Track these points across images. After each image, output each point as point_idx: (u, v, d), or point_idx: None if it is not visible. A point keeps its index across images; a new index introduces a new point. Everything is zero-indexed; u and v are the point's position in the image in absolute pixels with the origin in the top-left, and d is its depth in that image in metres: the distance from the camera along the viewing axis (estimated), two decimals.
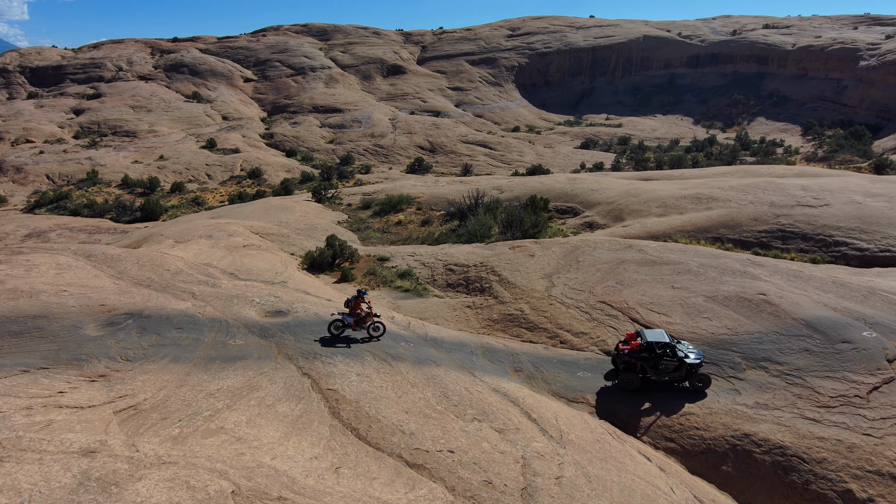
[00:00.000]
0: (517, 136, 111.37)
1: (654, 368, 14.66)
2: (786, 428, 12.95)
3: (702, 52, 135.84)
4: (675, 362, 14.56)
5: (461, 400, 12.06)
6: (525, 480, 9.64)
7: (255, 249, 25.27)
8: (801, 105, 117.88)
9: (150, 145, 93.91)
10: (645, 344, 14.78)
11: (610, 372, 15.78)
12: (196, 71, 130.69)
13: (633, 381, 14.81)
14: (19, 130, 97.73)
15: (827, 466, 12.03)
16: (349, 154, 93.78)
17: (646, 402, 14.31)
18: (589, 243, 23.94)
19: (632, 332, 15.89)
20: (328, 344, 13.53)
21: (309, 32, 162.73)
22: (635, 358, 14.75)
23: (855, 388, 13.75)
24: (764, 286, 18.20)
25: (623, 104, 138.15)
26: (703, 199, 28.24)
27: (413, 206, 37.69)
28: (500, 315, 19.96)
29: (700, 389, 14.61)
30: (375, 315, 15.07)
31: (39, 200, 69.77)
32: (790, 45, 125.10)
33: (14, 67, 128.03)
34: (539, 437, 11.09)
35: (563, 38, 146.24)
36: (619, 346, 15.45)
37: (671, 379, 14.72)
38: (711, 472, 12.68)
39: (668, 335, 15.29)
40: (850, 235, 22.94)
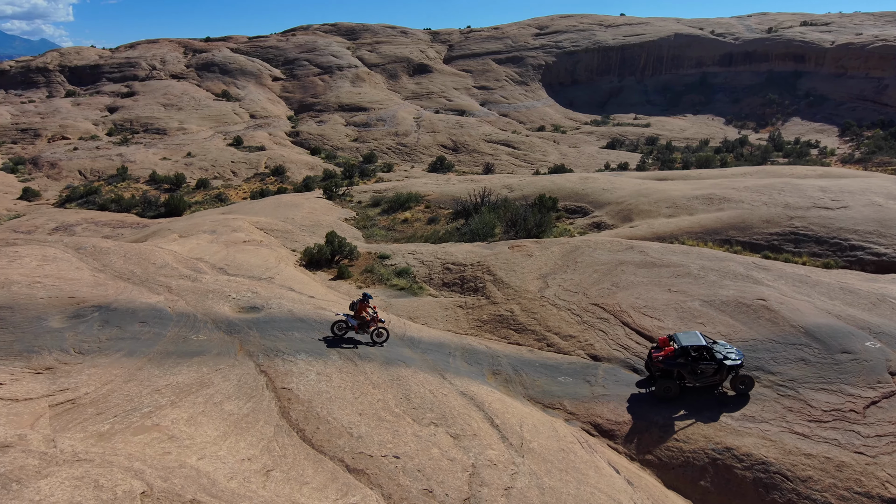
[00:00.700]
0: (542, 136, 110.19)
1: (692, 374, 13.65)
2: (771, 443, 12.13)
3: (735, 50, 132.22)
4: (713, 365, 13.54)
5: (422, 403, 11.61)
6: (470, 490, 9.14)
7: (254, 245, 25.24)
8: (839, 105, 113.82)
9: (178, 142, 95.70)
10: (679, 349, 13.74)
11: (644, 380, 14.80)
12: (226, 70, 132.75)
13: (672, 389, 13.81)
14: (56, 127, 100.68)
15: (812, 486, 11.21)
16: (372, 152, 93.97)
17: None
18: (590, 244, 23.21)
19: (664, 336, 14.83)
20: (296, 341, 13.23)
21: (338, 32, 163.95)
22: (671, 365, 13.72)
23: (851, 402, 12.83)
24: (765, 291, 17.26)
25: (652, 104, 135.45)
26: (714, 199, 27.15)
27: (422, 205, 37.33)
28: (489, 316, 19.43)
29: (743, 392, 13.58)
30: (380, 321, 14.77)
31: (70, 195, 71.62)
32: (829, 42, 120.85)
33: (54, 67, 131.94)
34: (496, 445, 10.56)
35: (592, 37, 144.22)
36: (652, 353, 14.47)
37: (710, 384, 13.74)
38: (688, 487, 11.96)
39: (703, 336, 14.25)
40: (868, 239, 21.67)
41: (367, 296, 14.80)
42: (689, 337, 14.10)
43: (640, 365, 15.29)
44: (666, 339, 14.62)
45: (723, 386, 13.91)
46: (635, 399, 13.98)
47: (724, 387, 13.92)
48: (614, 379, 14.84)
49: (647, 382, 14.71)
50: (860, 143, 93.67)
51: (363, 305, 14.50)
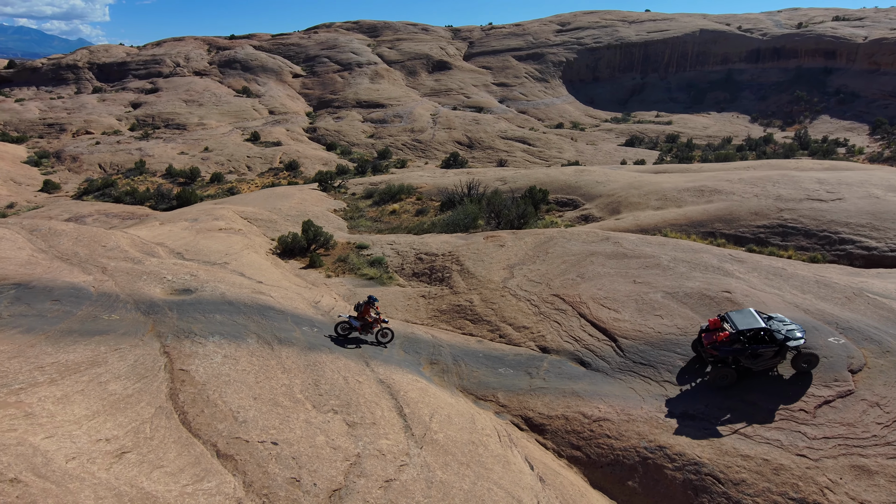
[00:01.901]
0: (559, 133, 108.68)
1: (750, 358, 12.46)
2: (708, 442, 11.19)
3: (763, 46, 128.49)
4: (774, 348, 12.35)
5: (331, 390, 11.00)
6: (345, 481, 8.50)
7: (227, 232, 24.96)
8: (870, 102, 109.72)
9: (197, 137, 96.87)
10: (734, 333, 12.53)
11: (691, 361, 13.53)
12: (248, 67, 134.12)
13: (728, 376, 12.55)
14: (81, 122, 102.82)
15: (744, 490, 10.25)
16: (387, 148, 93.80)
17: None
18: (565, 235, 22.31)
19: (714, 318, 13.49)
20: (215, 324, 12.74)
21: (360, 29, 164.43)
22: (727, 352, 12.50)
23: (802, 402, 11.79)
24: (733, 283, 16.19)
25: (675, 101, 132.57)
26: (705, 191, 25.89)
27: (413, 196, 36.75)
28: (449, 306, 18.73)
29: (805, 371, 12.45)
30: (383, 321, 14.70)
31: (88, 188, 72.93)
32: (861, 37, 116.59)
33: (83, 64, 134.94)
34: (394, 435, 9.89)
35: (615, 33, 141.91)
36: (702, 336, 13.20)
37: (770, 367, 12.60)
38: (615, 488, 11.11)
39: (759, 314, 13.00)
40: (859, 232, 20.29)
41: (372, 298, 14.61)
42: (745, 318, 12.79)
43: (589, 357, 14.42)
44: (717, 320, 13.31)
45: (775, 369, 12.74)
46: (574, 392, 13.13)
47: (773, 370, 12.72)
48: (557, 372, 14.01)
49: (693, 368, 13.27)
50: (891, 141, 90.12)
51: (367, 308, 14.41)
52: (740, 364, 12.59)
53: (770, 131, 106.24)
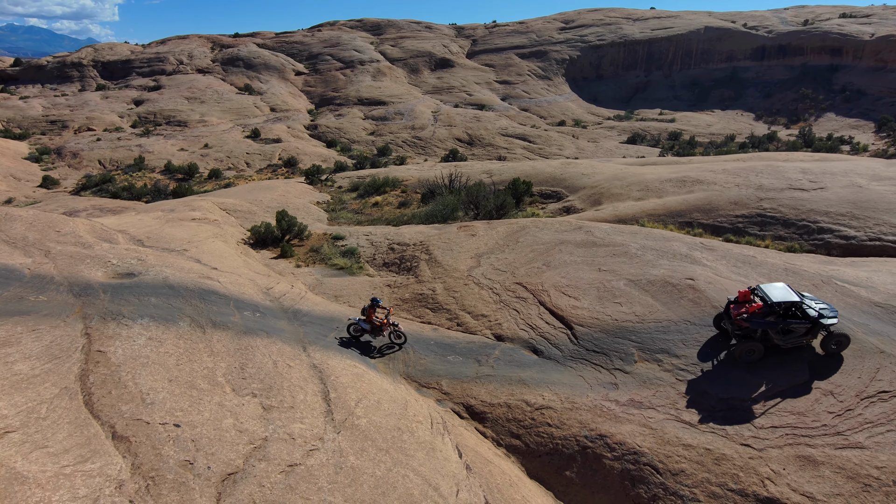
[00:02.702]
0: (560, 130, 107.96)
1: (781, 333, 11.92)
2: (651, 431, 10.65)
3: (768, 43, 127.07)
4: (806, 324, 11.82)
5: (256, 373, 10.56)
6: (243, 465, 8.05)
7: (199, 222, 24.62)
8: (876, 100, 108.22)
9: (197, 134, 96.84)
10: (768, 305, 11.96)
11: (711, 339, 12.95)
12: (250, 64, 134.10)
13: (755, 351, 12.01)
14: (83, 119, 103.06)
15: (682, 480, 9.72)
16: (387, 145, 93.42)
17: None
18: (538, 224, 21.79)
19: (744, 289, 12.93)
20: (148, 306, 12.32)
21: (363, 27, 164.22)
22: (759, 325, 11.88)
23: (756, 390, 11.21)
24: (698, 271, 15.61)
25: (679, 99, 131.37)
26: (687, 182, 25.25)
27: (398, 189, 36.32)
28: (411, 294, 18.26)
29: (835, 353, 11.92)
30: (392, 324, 14.23)
31: (86, 183, 72.96)
32: (868, 34, 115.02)
33: (88, 62, 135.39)
34: (311, 419, 9.43)
35: (618, 31, 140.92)
36: (731, 308, 12.59)
37: (797, 344, 12.07)
38: (552, 478, 10.60)
39: (793, 289, 12.43)
40: (839, 222, 19.60)
41: (376, 300, 14.13)
42: (779, 291, 12.25)
43: (542, 345, 13.90)
44: (747, 292, 12.76)
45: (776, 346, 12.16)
46: (521, 380, 12.63)
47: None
48: (508, 359, 13.51)
49: (713, 345, 12.70)
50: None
51: (371, 311, 14.02)
52: (768, 340, 12.05)
53: (774, 129, 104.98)
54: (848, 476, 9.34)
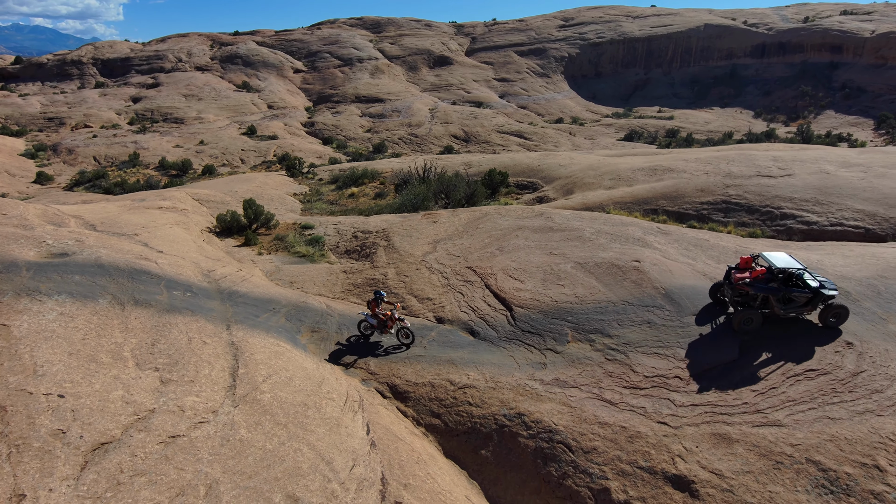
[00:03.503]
0: (557, 128, 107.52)
1: (782, 302, 11.66)
2: (570, 409, 10.35)
3: (768, 40, 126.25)
4: (807, 294, 11.62)
5: (167, 349, 10.33)
6: (120, 435, 7.82)
7: (164, 211, 24.46)
8: (876, 97, 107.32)
9: (193, 131, 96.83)
10: (771, 270, 11.73)
11: (705, 309, 12.66)
12: (249, 62, 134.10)
13: (754, 319, 11.71)
14: (80, 116, 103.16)
15: (593, 458, 9.42)
16: (383, 142, 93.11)
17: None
18: (500, 211, 21.52)
19: (746, 256, 12.73)
20: (70, 284, 12.10)
21: (363, 25, 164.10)
22: (761, 289, 11.61)
23: (679, 368, 10.91)
24: (646, 253, 15.29)
25: (679, 96, 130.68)
26: (658, 170, 24.88)
27: (377, 181, 36.07)
28: (364, 279, 18.02)
29: (834, 326, 11.72)
30: (400, 319, 13.31)
31: (79, 179, 72.98)
32: (869, 31, 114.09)
33: (88, 60, 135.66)
34: (208, 393, 9.19)
35: (618, 28, 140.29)
36: (732, 273, 12.31)
37: (797, 314, 11.84)
38: (468, 457, 10.31)
39: (796, 259, 12.23)
40: (802, 207, 19.22)
41: (379, 294, 13.40)
42: (781, 259, 12.09)
43: (480, 327, 13.61)
44: (749, 258, 12.52)
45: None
46: (450, 360, 12.35)
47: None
48: (443, 341, 13.24)
49: (708, 314, 12.52)
50: (895, 135, 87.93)
51: (374, 304, 13.34)
52: (768, 308, 11.80)
53: (773, 126, 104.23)
54: (761, 454, 9.01)
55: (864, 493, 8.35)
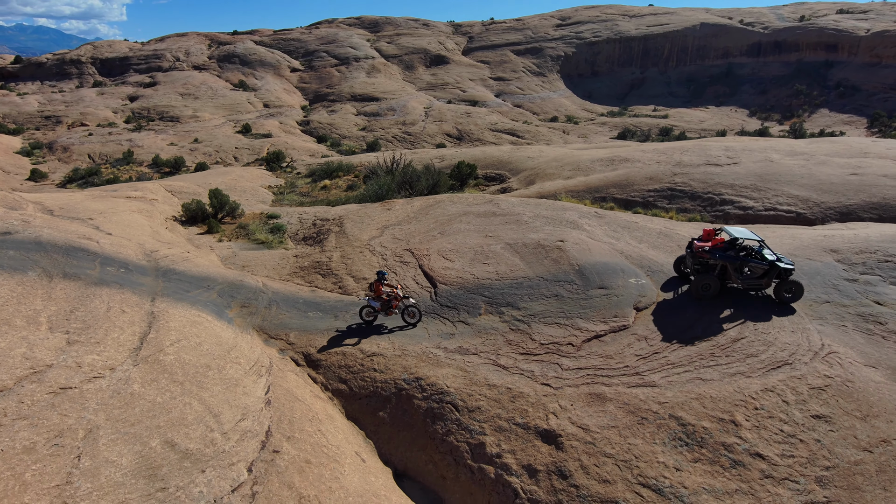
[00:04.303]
0: (551, 126, 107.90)
1: (738, 272, 12.25)
2: (464, 374, 10.87)
3: (764, 39, 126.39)
4: (764, 266, 12.17)
5: (83, 316, 10.89)
6: (12, 385, 8.37)
7: (130, 199, 25.08)
8: (870, 95, 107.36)
9: (188, 129, 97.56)
10: (730, 240, 12.38)
11: (670, 281, 13.32)
12: (246, 61, 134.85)
13: (711, 287, 12.27)
14: (77, 115, 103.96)
15: (476, 416, 9.93)
16: (376, 140, 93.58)
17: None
18: (453, 199, 22.03)
19: (709, 228, 13.36)
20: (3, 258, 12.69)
21: (361, 25, 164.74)
22: (719, 257, 12.23)
23: (574, 336, 11.41)
24: (573, 234, 15.79)
25: (675, 95, 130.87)
26: (615, 161, 25.34)
27: (351, 174, 36.64)
28: (310, 263, 18.56)
29: (788, 301, 12.23)
30: (405, 298, 13.33)
31: (72, 176, 73.68)
32: (864, 30, 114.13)
33: (87, 59, 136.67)
34: (111, 353, 9.75)
35: (614, 27, 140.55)
36: (695, 244, 12.93)
37: (754, 286, 12.36)
38: (367, 419, 10.84)
39: (756, 235, 12.82)
40: (742, 194, 19.65)
41: (382, 274, 13.37)
42: (741, 231, 12.75)
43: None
44: (711, 230, 13.14)
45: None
46: (365, 330, 12.90)
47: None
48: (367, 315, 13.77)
49: (674, 284, 13.26)
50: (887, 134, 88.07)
51: (378, 285, 13.24)
52: (726, 278, 12.38)
53: (768, 125, 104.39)
54: (629, 411, 9.49)
55: (716, 444, 8.83)
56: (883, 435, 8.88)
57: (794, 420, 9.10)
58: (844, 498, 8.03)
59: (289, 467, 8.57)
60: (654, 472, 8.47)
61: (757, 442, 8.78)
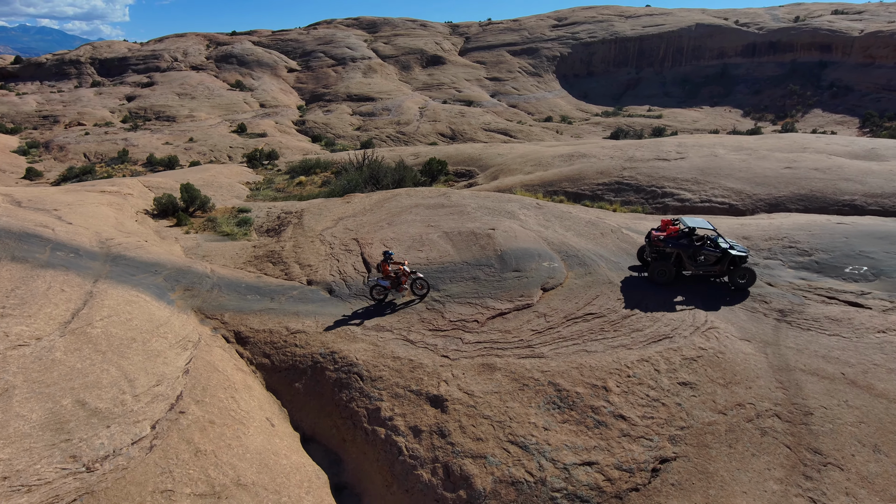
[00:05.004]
0: (545, 126, 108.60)
1: (691, 259, 13.08)
2: (375, 348, 11.68)
3: (759, 40, 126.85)
4: (717, 253, 12.94)
5: (24, 294, 11.73)
6: None
7: (102, 193, 25.98)
8: (863, 95, 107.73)
9: (184, 129, 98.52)
10: (685, 229, 13.20)
11: (634, 268, 14.16)
12: (243, 61, 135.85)
13: (667, 273, 13.13)
14: (74, 114, 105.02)
15: (377, 385, 10.73)
16: (371, 140, 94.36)
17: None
18: (410, 192, 22.85)
19: (668, 218, 14.34)
20: None
21: (359, 25, 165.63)
22: (673, 245, 13.09)
23: (480, 314, 12.21)
24: (506, 223, 16.58)
25: (670, 95, 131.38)
26: (574, 157, 26.11)
27: (329, 171, 37.47)
28: (264, 252, 19.39)
29: (742, 287, 12.99)
30: (411, 272, 13.68)
31: (67, 175, 74.63)
32: (858, 30, 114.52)
33: (86, 59, 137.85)
34: (39, 325, 10.59)
35: (610, 28, 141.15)
36: (653, 234, 13.75)
37: (708, 273, 13.17)
38: (285, 389, 11.65)
39: (712, 225, 13.64)
40: (682, 187, 20.39)
41: (388, 253, 13.80)
42: (696, 221, 13.57)
43: (338, 286, 14.97)
44: (669, 220, 14.00)
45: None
46: (296, 312, 13.72)
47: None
48: (301, 297, 14.59)
49: (638, 270, 14.13)
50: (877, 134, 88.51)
51: (384, 264, 13.69)
52: (681, 265, 13.18)
53: (761, 125, 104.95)
54: (513, 378, 10.28)
55: (585, 407, 9.59)
56: (739, 399, 9.64)
57: (661, 386, 9.87)
58: (692, 453, 8.79)
59: (191, 426, 9.40)
60: (524, 431, 9.25)
61: (622, 405, 9.54)
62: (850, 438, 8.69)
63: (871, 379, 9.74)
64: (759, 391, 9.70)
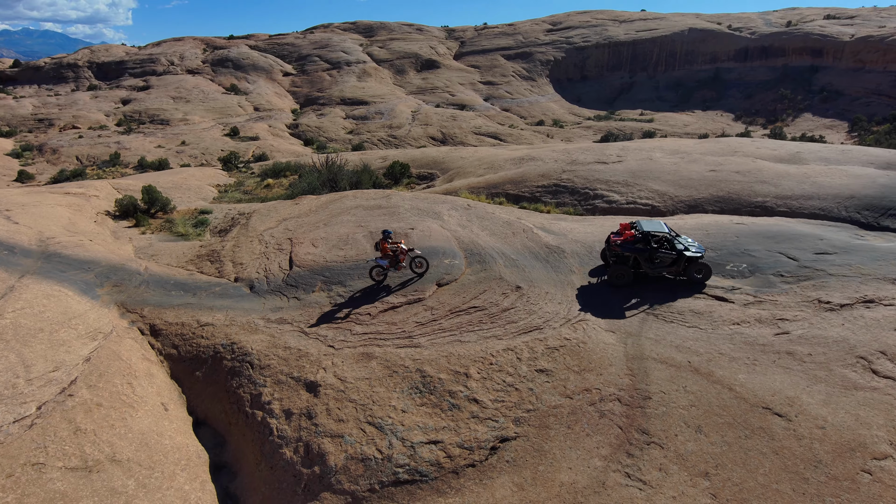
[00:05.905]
0: (536, 130, 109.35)
1: (648, 261, 13.74)
2: (271, 339, 12.42)
3: (751, 44, 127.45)
4: (672, 255, 13.60)
5: None
6: None
7: (65, 195, 26.83)
8: (853, 100, 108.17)
9: (177, 132, 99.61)
10: (640, 234, 13.85)
11: (596, 269, 14.86)
12: (239, 65, 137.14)
13: (625, 276, 13.78)
14: (69, 118, 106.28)
15: (264, 372, 11.47)
16: (362, 143, 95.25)
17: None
18: (356, 194, 23.60)
19: (626, 222, 14.92)
20: None
21: (356, 29, 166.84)
22: (629, 250, 13.75)
23: (374, 307, 12.95)
24: (427, 224, 17.31)
25: (663, 100, 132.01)
26: (524, 160, 26.82)
27: (298, 175, 38.26)
28: (207, 251, 20.14)
29: (699, 281, 13.67)
30: (409, 250, 14.11)
31: (58, 177, 75.63)
32: (848, 35, 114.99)
33: (83, 63, 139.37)
34: None
35: (603, 32, 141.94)
36: (611, 238, 14.44)
37: (667, 273, 13.86)
38: (186, 377, 12.39)
39: (668, 226, 14.31)
40: (613, 189, 21.06)
41: (387, 232, 14.18)
42: (653, 224, 14.19)
43: (260, 283, 15.71)
44: (627, 224, 14.67)
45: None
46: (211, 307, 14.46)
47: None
48: (221, 293, 15.33)
49: (599, 272, 14.71)
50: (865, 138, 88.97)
51: (383, 243, 14.08)
52: (638, 267, 13.83)
53: (752, 129, 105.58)
54: (387, 366, 10.99)
55: (444, 392, 10.29)
56: (588, 385, 10.32)
57: (518, 373, 10.56)
58: (532, 433, 9.48)
59: (76, 407, 10.15)
60: (382, 413, 9.96)
61: (478, 390, 10.24)
62: (678, 420, 9.37)
63: (712, 367, 10.41)
64: (608, 377, 10.39)
